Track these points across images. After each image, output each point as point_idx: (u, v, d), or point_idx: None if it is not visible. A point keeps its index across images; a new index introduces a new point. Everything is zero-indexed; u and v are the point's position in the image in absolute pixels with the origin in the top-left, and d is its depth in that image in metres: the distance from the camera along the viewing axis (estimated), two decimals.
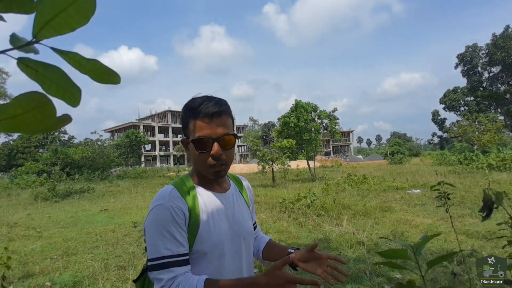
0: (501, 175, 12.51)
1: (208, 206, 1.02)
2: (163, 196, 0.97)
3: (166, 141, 60.57)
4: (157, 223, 0.93)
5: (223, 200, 1.07)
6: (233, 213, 1.08)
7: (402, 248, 0.74)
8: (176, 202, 0.96)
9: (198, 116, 0.99)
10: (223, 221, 1.03)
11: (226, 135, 0.99)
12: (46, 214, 8.99)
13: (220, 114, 1.00)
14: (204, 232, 0.97)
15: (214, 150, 0.97)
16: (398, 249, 0.74)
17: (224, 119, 1.01)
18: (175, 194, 0.98)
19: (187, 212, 0.96)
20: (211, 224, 1.00)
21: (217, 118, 0.99)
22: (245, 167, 30.45)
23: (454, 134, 40.26)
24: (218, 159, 0.99)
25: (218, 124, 0.99)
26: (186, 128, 1.04)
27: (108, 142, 43.29)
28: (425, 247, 0.76)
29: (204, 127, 0.98)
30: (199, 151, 0.99)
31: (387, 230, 5.43)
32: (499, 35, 43.88)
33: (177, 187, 1.01)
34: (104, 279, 3.75)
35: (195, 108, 1.00)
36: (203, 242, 0.97)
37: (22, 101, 0.36)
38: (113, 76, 0.42)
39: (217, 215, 1.03)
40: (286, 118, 17.22)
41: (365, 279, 3.41)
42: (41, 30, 0.36)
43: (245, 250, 1.10)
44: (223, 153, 1.00)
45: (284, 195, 9.20)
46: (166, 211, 0.93)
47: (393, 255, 0.76)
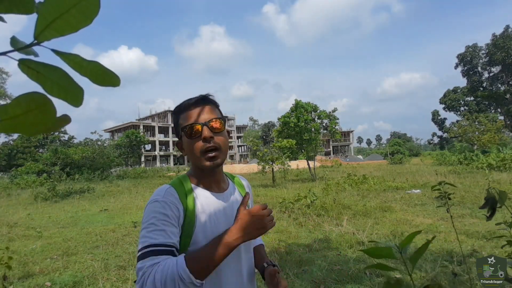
0: (501, 175, 12.51)
1: (205, 206, 1.02)
2: (158, 193, 0.98)
3: (166, 141, 60.56)
4: (150, 215, 0.93)
5: (221, 200, 1.07)
6: (232, 213, 1.06)
7: (386, 247, 0.73)
8: (172, 199, 0.96)
9: (184, 109, 1.06)
10: (220, 221, 1.02)
11: (213, 119, 1.03)
12: (46, 214, 8.99)
13: (204, 102, 1.06)
14: (200, 233, 0.97)
15: (205, 134, 1.00)
16: (382, 247, 0.73)
17: (210, 106, 1.06)
18: (171, 192, 0.98)
19: (182, 211, 0.96)
20: (207, 225, 0.99)
21: (202, 104, 1.05)
22: (245, 167, 30.43)
23: (454, 134, 40.28)
24: (209, 141, 1.01)
25: (203, 111, 1.04)
26: (177, 126, 1.08)
27: (108, 142, 43.31)
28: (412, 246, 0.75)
29: (191, 115, 1.03)
30: (190, 138, 1.02)
31: (387, 230, 5.43)
32: (499, 35, 43.85)
33: (174, 186, 1.01)
34: (104, 279, 3.75)
35: (181, 105, 1.07)
36: (199, 243, 0.95)
37: (22, 102, 0.36)
38: (113, 78, 0.42)
39: (214, 215, 1.02)
40: (286, 118, 17.23)
41: (365, 279, 3.41)
42: (43, 32, 0.36)
43: (245, 250, 1.10)
44: (214, 136, 1.02)
45: (284, 195, 9.21)
46: (160, 204, 0.93)
47: (377, 254, 0.75)
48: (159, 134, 60.12)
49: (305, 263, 4.01)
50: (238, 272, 1.05)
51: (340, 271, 3.67)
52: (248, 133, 67.23)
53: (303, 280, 3.49)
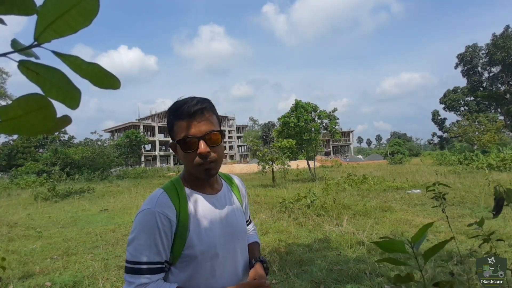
0: (501, 175, 12.50)
1: (199, 209, 1.01)
2: (151, 200, 0.98)
3: (166, 141, 60.52)
4: (140, 227, 0.93)
5: (215, 202, 1.06)
6: (226, 214, 1.07)
7: (399, 240, 0.73)
8: (163, 209, 0.95)
9: (181, 117, 0.98)
10: (215, 223, 1.02)
11: (211, 132, 0.98)
12: (46, 214, 8.99)
13: (202, 112, 0.99)
14: (194, 236, 0.96)
15: (201, 149, 0.96)
16: (395, 241, 0.73)
17: (207, 116, 1.00)
18: (163, 199, 0.97)
19: (174, 219, 0.95)
20: (201, 228, 0.99)
21: (200, 116, 0.98)
22: (245, 167, 30.41)
23: (454, 134, 40.25)
24: (205, 157, 0.97)
25: (201, 122, 0.98)
26: (172, 131, 1.03)
27: (108, 142, 43.28)
28: (423, 245, 0.75)
29: (187, 127, 0.97)
30: (185, 151, 0.98)
31: (387, 230, 5.43)
32: (499, 35, 43.82)
33: (167, 191, 1.00)
34: (104, 279, 3.75)
35: (177, 109, 0.99)
36: (194, 247, 0.96)
37: (23, 103, 0.36)
38: (113, 80, 0.42)
39: (208, 218, 1.01)
40: (286, 118, 17.22)
41: (365, 279, 3.41)
42: (43, 33, 0.36)
43: (241, 249, 1.10)
44: (211, 150, 0.98)
45: (284, 195, 9.20)
46: (151, 216, 0.93)
47: (390, 247, 0.75)
48: (159, 134, 60.11)
49: (305, 263, 4.01)
50: (235, 272, 1.06)
51: (340, 271, 3.67)
52: (248, 133, 67.23)
53: (303, 280, 3.50)
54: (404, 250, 0.72)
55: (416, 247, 0.75)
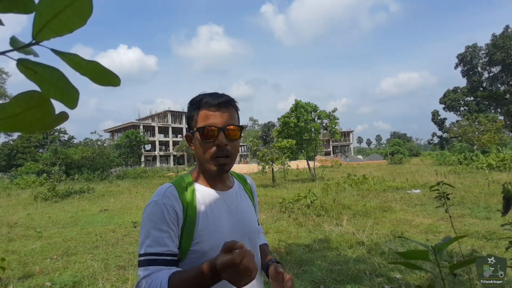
0: (501, 175, 12.50)
1: (208, 204, 1.00)
2: (158, 193, 0.97)
3: (166, 141, 60.52)
4: (147, 220, 0.93)
5: (226, 198, 1.05)
6: (237, 211, 1.05)
7: (422, 250, 0.73)
8: (170, 201, 0.94)
9: (205, 106, 0.99)
10: (225, 220, 1.01)
11: (232, 125, 0.98)
12: (46, 214, 8.99)
13: (227, 105, 1.00)
14: (203, 231, 0.95)
15: (220, 140, 0.96)
16: (418, 251, 0.73)
17: (231, 111, 1.01)
18: (171, 192, 0.96)
19: (180, 212, 0.94)
20: (211, 223, 0.97)
21: (225, 107, 0.99)
22: (245, 167, 30.44)
23: (454, 134, 40.24)
24: (222, 149, 0.97)
25: (225, 114, 0.98)
26: (192, 120, 1.02)
27: (108, 142, 43.27)
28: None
29: (210, 116, 0.97)
30: (204, 140, 0.97)
31: (387, 230, 5.43)
32: (499, 35, 43.81)
33: (175, 184, 0.99)
34: (104, 279, 3.75)
35: (202, 99, 1.00)
36: (203, 242, 0.94)
37: (21, 100, 0.36)
38: (113, 78, 0.42)
39: (218, 213, 1.00)
40: (286, 118, 17.22)
41: (365, 279, 3.41)
42: (41, 31, 0.36)
43: (252, 249, 1.09)
44: (228, 143, 0.98)
45: (284, 195, 9.20)
46: (158, 208, 0.92)
47: (413, 257, 0.75)
48: (159, 134, 60.09)
49: (305, 263, 4.01)
50: None
51: (340, 271, 3.67)
52: (248, 133, 67.18)
53: (303, 280, 3.49)
54: (428, 258, 0.73)
55: (440, 255, 0.75)
